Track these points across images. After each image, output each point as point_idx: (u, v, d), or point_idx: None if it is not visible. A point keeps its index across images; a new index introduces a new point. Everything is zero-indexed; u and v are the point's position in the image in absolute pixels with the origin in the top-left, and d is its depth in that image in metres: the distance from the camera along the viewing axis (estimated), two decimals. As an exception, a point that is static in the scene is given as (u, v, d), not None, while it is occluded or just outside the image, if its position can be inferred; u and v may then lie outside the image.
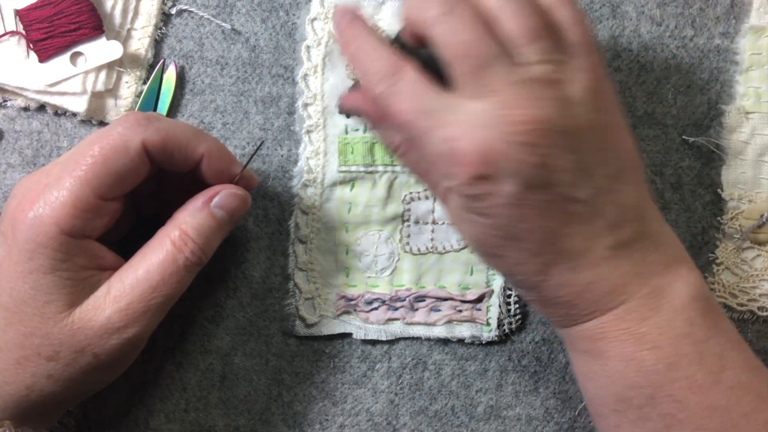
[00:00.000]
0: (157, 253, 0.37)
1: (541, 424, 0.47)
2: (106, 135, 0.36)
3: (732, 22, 0.47)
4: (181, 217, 0.38)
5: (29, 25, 0.43)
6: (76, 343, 0.36)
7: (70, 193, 0.35)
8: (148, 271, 0.37)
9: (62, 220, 0.35)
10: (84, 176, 0.35)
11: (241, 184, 0.40)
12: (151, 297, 0.37)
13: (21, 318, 0.36)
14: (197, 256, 0.38)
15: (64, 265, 0.36)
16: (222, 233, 0.39)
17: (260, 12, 0.46)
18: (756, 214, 0.46)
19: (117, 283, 0.37)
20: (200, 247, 0.38)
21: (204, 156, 0.38)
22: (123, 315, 0.36)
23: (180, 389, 0.46)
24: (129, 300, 0.36)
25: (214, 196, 0.38)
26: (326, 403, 0.46)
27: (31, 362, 0.36)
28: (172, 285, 0.37)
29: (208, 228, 0.38)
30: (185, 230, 0.38)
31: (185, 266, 0.37)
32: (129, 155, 0.36)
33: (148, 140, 0.36)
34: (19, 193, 0.36)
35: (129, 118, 0.37)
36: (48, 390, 0.37)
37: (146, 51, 0.46)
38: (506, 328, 0.46)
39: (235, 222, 0.40)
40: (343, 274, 0.46)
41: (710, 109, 0.47)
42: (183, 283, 0.38)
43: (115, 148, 0.36)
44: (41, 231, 0.35)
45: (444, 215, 0.46)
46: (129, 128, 0.36)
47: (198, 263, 0.38)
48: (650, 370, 0.35)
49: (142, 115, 0.37)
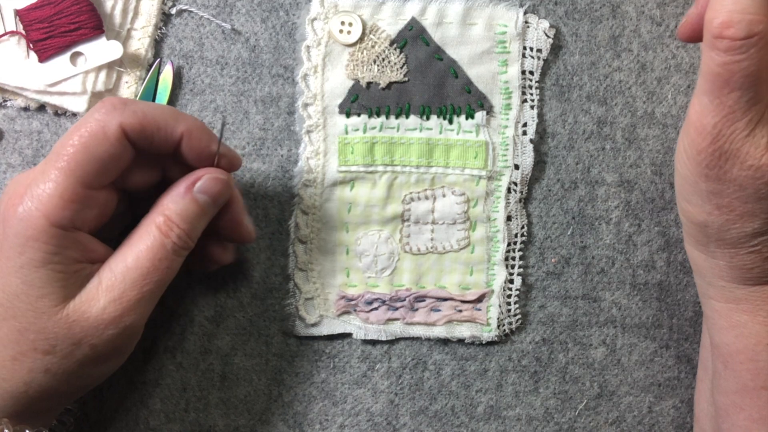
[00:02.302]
0: (144, 240, 0.37)
1: (541, 424, 0.47)
2: (83, 123, 0.36)
3: (732, 22, 0.47)
4: (164, 203, 0.38)
5: (29, 25, 0.43)
6: (72, 336, 0.36)
7: (55, 184, 0.35)
8: (137, 259, 0.37)
9: (50, 213, 0.35)
10: (67, 167, 0.35)
11: (223, 165, 0.40)
12: (143, 284, 0.37)
13: (15, 314, 0.36)
14: (183, 240, 0.38)
15: (56, 258, 0.36)
16: (207, 217, 0.39)
17: (260, 12, 0.46)
18: (756, 214, 0.46)
19: (107, 274, 0.37)
20: (185, 232, 0.38)
21: (183, 135, 0.38)
22: (117, 305, 0.36)
23: (180, 389, 0.46)
24: (122, 289, 0.36)
25: (196, 180, 0.38)
26: (326, 403, 0.46)
27: (27, 358, 0.36)
28: (162, 270, 0.37)
29: (192, 213, 0.38)
30: (169, 216, 0.37)
31: (173, 251, 0.37)
32: (108, 140, 0.36)
33: (126, 123, 0.36)
34: (9, 190, 0.36)
35: (105, 104, 0.37)
36: (46, 385, 0.37)
37: (146, 51, 0.46)
38: (506, 328, 0.46)
39: (219, 205, 0.39)
40: (343, 274, 0.46)
41: (710, 109, 0.47)
42: (173, 268, 0.38)
43: (94, 135, 0.36)
44: (30, 225, 0.35)
45: (444, 215, 0.46)
46: (106, 114, 0.36)
47: (185, 247, 0.38)
48: None
49: (118, 99, 0.37)
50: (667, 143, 0.47)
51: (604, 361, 0.47)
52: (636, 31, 0.47)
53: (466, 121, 0.45)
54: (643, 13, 0.47)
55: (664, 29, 0.47)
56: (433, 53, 0.45)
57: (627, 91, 0.47)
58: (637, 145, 0.47)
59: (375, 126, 0.45)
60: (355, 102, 0.45)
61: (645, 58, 0.47)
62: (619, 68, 0.47)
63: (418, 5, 0.45)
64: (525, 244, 0.47)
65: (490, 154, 0.46)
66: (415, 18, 0.45)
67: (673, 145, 0.47)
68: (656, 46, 0.47)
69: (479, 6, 0.45)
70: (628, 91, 0.47)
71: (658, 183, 0.47)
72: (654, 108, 0.47)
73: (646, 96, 0.47)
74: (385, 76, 0.45)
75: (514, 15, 0.46)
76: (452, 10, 0.45)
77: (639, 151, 0.47)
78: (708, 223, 0.38)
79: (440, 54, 0.45)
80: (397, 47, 0.45)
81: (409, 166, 0.45)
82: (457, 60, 0.45)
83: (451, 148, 0.45)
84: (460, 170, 0.46)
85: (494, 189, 0.46)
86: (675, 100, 0.47)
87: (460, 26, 0.45)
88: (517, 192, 0.46)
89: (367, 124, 0.45)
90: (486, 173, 0.46)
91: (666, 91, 0.47)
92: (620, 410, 0.47)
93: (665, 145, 0.47)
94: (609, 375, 0.47)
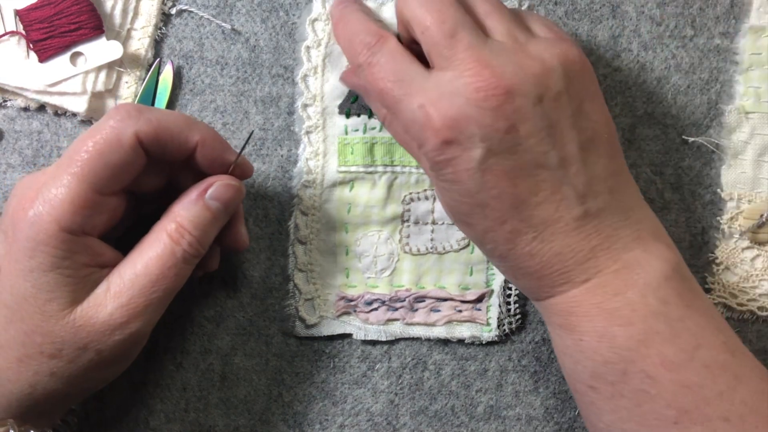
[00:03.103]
0: (155, 248, 0.37)
1: (541, 424, 0.47)
2: (98, 129, 0.36)
3: (732, 22, 0.47)
4: (176, 210, 0.38)
5: (29, 25, 0.43)
6: (78, 340, 0.36)
7: (67, 190, 0.35)
8: (146, 266, 0.37)
9: (61, 218, 0.35)
10: (80, 172, 0.35)
11: (236, 173, 0.40)
12: (151, 291, 0.37)
13: (22, 316, 0.36)
14: (194, 248, 0.38)
15: (65, 263, 0.36)
16: (218, 224, 0.39)
17: (260, 12, 0.46)
18: (756, 214, 0.46)
19: (116, 279, 0.37)
20: (197, 239, 0.38)
21: (198, 144, 0.38)
22: (125, 311, 0.36)
23: (180, 389, 0.46)
24: (130, 295, 0.36)
25: (208, 187, 0.38)
26: (326, 403, 0.46)
27: (33, 360, 0.36)
28: (171, 278, 0.37)
29: (204, 219, 0.38)
30: (181, 223, 0.37)
31: (183, 258, 0.37)
32: (123, 148, 0.36)
33: (141, 131, 0.36)
34: (19, 192, 0.36)
35: (120, 111, 0.37)
36: (51, 387, 0.37)
37: (146, 51, 0.46)
38: (506, 328, 0.46)
39: (231, 212, 0.40)
40: (342, 274, 0.46)
41: (710, 109, 0.47)
42: (182, 275, 0.38)
43: (108, 142, 0.36)
44: (41, 229, 0.35)
45: (444, 215, 0.46)
46: (121, 121, 0.36)
47: (196, 255, 0.38)
48: (622, 346, 0.36)
49: (133, 106, 0.37)
50: (667, 143, 0.47)
51: (604, 361, 0.47)
52: (636, 31, 0.47)
53: (466, 121, 0.45)
54: (643, 13, 0.47)
55: (664, 29, 0.47)
56: (433, 54, 0.45)
57: (627, 91, 0.47)
58: (637, 145, 0.47)
59: (375, 126, 0.45)
60: (354, 102, 0.45)
61: (645, 58, 0.47)
62: (618, 68, 0.47)
63: (418, 6, 0.45)
64: (525, 245, 0.47)
65: (490, 155, 0.46)
66: (415, 18, 0.45)
67: (673, 145, 0.47)
68: (656, 46, 0.47)
69: (479, 6, 0.45)
70: (627, 91, 0.47)
71: (658, 183, 0.47)
72: (654, 108, 0.47)
73: (646, 96, 0.47)
74: (385, 76, 0.45)
75: (514, 15, 0.46)
76: (452, 10, 0.45)
77: (639, 151, 0.47)
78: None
79: (440, 54, 0.45)
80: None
81: (408, 167, 0.45)
82: (457, 60, 0.45)
83: (451, 149, 0.45)
84: (460, 170, 0.45)
85: (494, 189, 0.46)
86: (675, 100, 0.47)
87: (460, 27, 0.45)
88: (517, 192, 0.46)
89: (366, 125, 0.45)
90: (486, 173, 0.46)
91: (666, 91, 0.47)
92: (620, 410, 0.47)
93: (665, 145, 0.47)
94: (609, 375, 0.47)
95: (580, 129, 0.37)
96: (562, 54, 0.37)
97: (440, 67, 0.37)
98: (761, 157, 0.46)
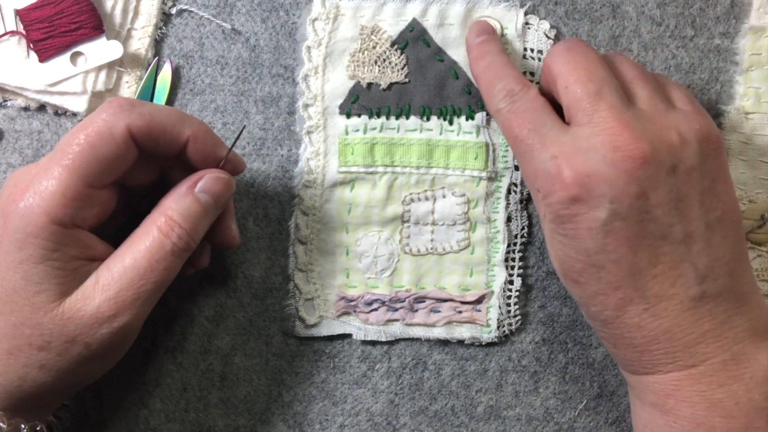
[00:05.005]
0: (144, 241, 0.37)
1: (541, 424, 0.47)
2: (90, 122, 0.36)
3: (732, 22, 0.47)
4: (166, 203, 0.38)
5: (29, 25, 0.43)
6: (66, 333, 0.36)
7: (58, 182, 0.35)
8: (135, 259, 0.37)
9: (52, 210, 0.35)
10: (71, 164, 0.35)
11: (227, 168, 0.40)
12: (139, 284, 0.37)
13: (12, 308, 0.36)
14: (184, 240, 0.38)
15: (55, 255, 0.36)
16: (208, 218, 0.39)
17: (260, 12, 0.46)
18: (756, 214, 0.46)
19: (105, 272, 0.37)
20: (187, 232, 0.38)
21: (190, 139, 0.38)
22: (112, 304, 0.36)
23: (180, 389, 0.46)
24: (117, 288, 0.36)
25: (198, 181, 0.38)
26: (326, 403, 0.46)
27: (22, 352, 0.36)
28: (160, 271, 0.37)
29: (194, 213, 0.38)
30: (171, 216, 0.37)
31: (173, 252, 0.37)
32: (115, 141, 0.36)
33: (133, 125, 0.36)
34: (11, 184, 0.37)
35: (113, 104, 0.37)
36: (41, 380, 0.37)
37: (146, 51, 0.46)
38: (506, 330, 0.46)
39: (221, 206, 0.40)
40: (343, 275, 0.46)
41: (710, 109, 0.47)
42: (172, 269, 0.38)
43: (100, 135, 0.36)
44: (31, 221, 0.35)
45: (444, 216, 0.46)
46: (113, 114, 0.36)
47: (186, 248, 0.38)
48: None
49: (126, 100, 0.37)
50: (667, 144, 0.47)
51: (604, 361, 0.47)
52: (636, 31, 0.47)
53: (467, 122, 0.45)
54: (643, 13, 0.47)
55: (664, 29, 0.47)
56: (433, 54, 0.45)
57: (627, 92, 0.47)
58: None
59: (375, 127, 0.45)
60: (355, 103, 0.45)
61: (645, 58, 0.47)
62: (619, 69, 0.47)
63: (419, 6, 0.45)
64: (525, 245, 0.47)
65: (490, 155, 0.46)
66: (417, 19, 0.45)
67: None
68: (656, 46, 0.47)
69: (480, 7, 0.45)
70: (628, 91, 0.47)
71: (658, 183, 0.47)
72: (654, 108, 0.47)
73: (647, 96, 0.47)
74: (386, 76, 0.45)
75: (514, 16, 0.46)
76: (453, 11, 0.45)
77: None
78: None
79: (441, 55, 0.45)
80: (398, 48, 0.45)
81: (409, 167, 0.45)
82: (458, 61, 0.45)
83: (451, 149, 0.45)
84: (461, 171, 0.46)
85: (494, 190, 0.46)
86: (675, 100, 0.47)
87: (461, 27, 0.45)
88: (517, 193, 0.46)
89: (367, 125, 0.45)
90: (486, 174, 0.46)
91: (666, 91, 0.47)
92: (620, 410, 0.47)
93: (665, 146, 0.47)
94: (609, 375, 0.47)
95: (708, 207, 0.36)
96: (700, 129, 0.37)
97: (579, 123, 0.37)
98: (761, 157, 0.46)
